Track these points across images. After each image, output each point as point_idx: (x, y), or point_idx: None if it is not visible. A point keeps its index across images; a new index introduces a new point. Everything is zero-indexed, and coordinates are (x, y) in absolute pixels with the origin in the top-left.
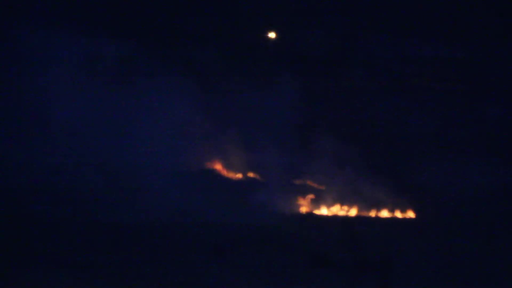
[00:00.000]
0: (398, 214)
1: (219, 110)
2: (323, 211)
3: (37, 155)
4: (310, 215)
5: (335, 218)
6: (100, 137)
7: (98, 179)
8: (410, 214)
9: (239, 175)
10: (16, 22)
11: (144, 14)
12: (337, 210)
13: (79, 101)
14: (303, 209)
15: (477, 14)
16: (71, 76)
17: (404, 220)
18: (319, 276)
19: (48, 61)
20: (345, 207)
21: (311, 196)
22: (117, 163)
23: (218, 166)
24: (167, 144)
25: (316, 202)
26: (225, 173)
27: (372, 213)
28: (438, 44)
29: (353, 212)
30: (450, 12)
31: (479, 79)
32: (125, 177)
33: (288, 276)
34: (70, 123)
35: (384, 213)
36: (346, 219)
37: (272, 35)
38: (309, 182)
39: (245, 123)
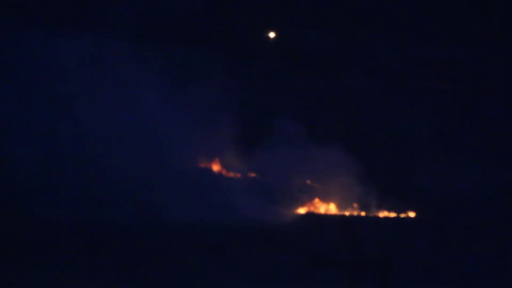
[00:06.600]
0: (398, 214)
1: (219, 110)
2: (323, 211)
3: (37, 155)
4: (310, 215)
5: (335, 218)
6: (99, 137)
7: (98, 179)
8: (410, 214)
9: (239, 175)
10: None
11: (143, 14)
12: (337, 210)
13: (78, 101)
14: (303, 209)
15: (477, 14)
16: (71, 76)
17: (404, 220)
18: (319, 276)
19: (48, 61)
20: (345, 207)
21: (311, 196)
22: (117, 163)
23: (217, 166)
24: (166, 144)
25: (316, 202)
26: (224, 173)
27: (372, 213)
28: (438, 44)
29: (353, 212)
30: (450, 12)
31: (479, 79)
32: (124, 177)
33: (288, 276)
34: (69, 123)
35: (384, 213)
36: (346, 219)
37: (272, 35)
38: (308, 182)
39: (245, 123)
